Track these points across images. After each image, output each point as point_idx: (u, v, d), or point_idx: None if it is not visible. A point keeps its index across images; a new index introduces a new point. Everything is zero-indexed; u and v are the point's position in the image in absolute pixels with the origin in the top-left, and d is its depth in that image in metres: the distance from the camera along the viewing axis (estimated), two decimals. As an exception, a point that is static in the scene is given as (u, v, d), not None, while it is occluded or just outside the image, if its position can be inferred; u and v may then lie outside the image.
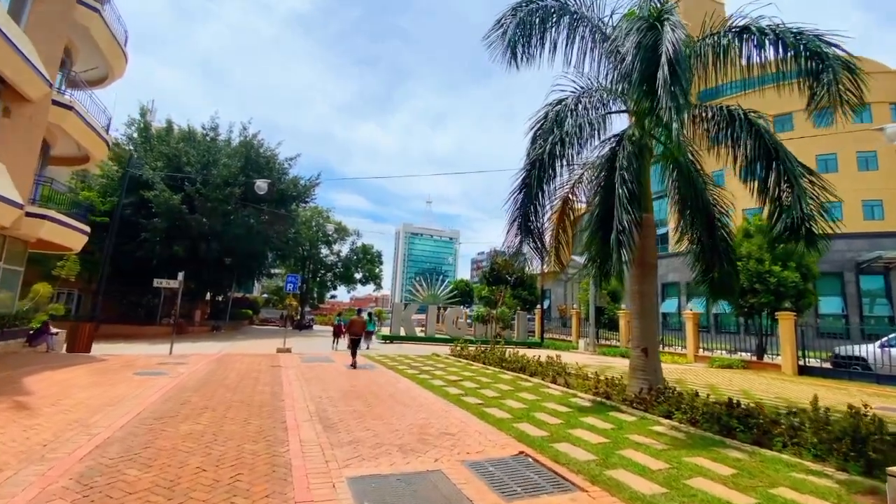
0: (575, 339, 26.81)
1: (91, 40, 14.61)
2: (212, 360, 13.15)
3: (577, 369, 11.76)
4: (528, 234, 9.35)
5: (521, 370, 11.50)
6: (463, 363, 13.69)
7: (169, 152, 30.22)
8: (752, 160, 8.10)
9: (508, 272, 13.53)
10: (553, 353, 20.37)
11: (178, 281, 16.11)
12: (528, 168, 9.70)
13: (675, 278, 35.45)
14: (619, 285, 11.35)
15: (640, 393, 8.56)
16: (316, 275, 49.27)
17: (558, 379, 10.30)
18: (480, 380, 10.44)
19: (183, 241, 29.68)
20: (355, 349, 13.21)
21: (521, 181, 9.65)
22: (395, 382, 9.87)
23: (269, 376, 10.13)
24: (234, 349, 18.56)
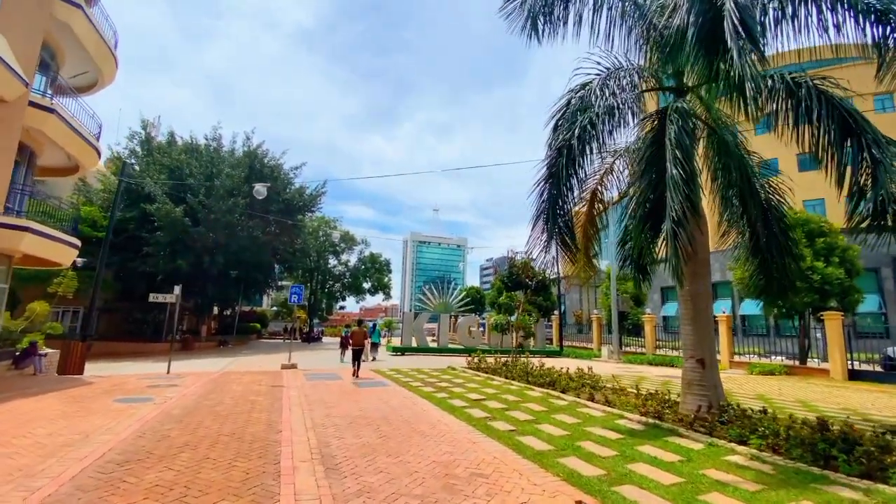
0: (597, 346, 25.38)
1: (77, 42, 13.80)
2: (209, 380, 12.06)
3: (612, 383, 10.50)
4: (557, 228, 8.16)
5: (551, 385, 10.23)
6: (483, 377, 12.45)
7: (171, 164, 29.55)
8: (823, 134, 6.86)
9: (528, 276, 12.44)
10: (577, 363, 19.06)
11: (175, 295, 15.11)
12: (554, 155, 8.56)
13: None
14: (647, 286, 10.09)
15: (699, 412, 7.29)
16: (324, 286, 48.31)
17: (596, 395, 9.02)
18: (506, 398, 9.20)
19: (187, 255, 28.88)
20: (358, 360, 13.41)
21: (547, 170, 8.50)
22: (410, 404, 8.67)
23: (268, 399, 8.99)
24: (237, 366, 17.49)
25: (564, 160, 8.29)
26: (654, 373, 16.52)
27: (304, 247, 40.92)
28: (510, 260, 12.84)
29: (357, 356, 13.51)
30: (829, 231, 17.12)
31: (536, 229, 8.48)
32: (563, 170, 8.23)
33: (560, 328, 26.75)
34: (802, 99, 6.95)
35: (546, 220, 8.43)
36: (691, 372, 7.68)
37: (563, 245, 8.42)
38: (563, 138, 8.59)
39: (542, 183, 8.63)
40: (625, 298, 23.38)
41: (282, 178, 34.54)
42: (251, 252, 33.14)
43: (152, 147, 30.92)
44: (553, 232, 8.21)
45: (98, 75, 15.69)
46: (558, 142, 8.62)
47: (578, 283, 10.06)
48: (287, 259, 38.04)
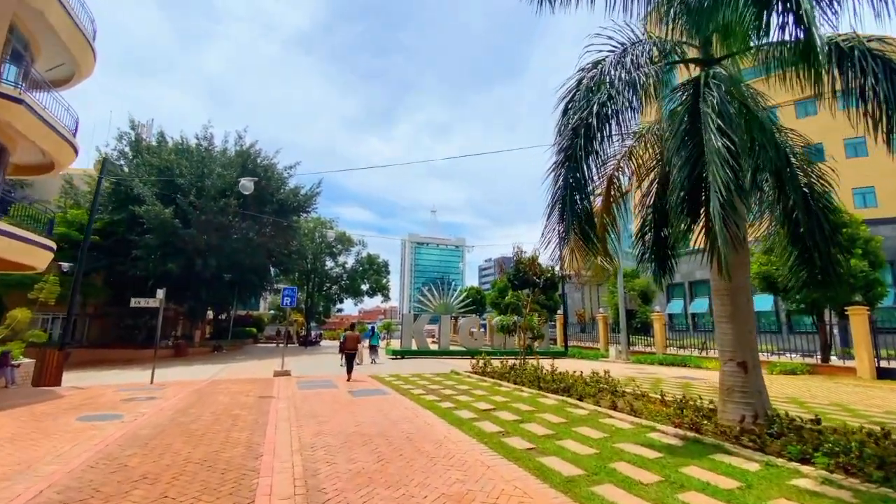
0: (603, 346, 24.48)
1: (51, 32, 12.87)
2: (194, 390, 11.10)
3: (630, 386, 9.59)
4: (576, 217, 7.24)
5: (566, 392, 9.30)
6: (489, 383, 11.51)
7: (161, 165, 28.57)
8: (882, 102, 5.96)
9: (536, 273, 11.60)
10: (584, 364, 18.09)
11: (159, 299, 14.14)
12: (568, 136, 7.65)
13: (704, 276, 33.01)
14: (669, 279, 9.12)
15: (743, 423, 6.39)
16: (321, 288, 47.30)
17: (618, 403, 8.10)
18: (518, 408, 8.26)
19: (178, 258, 27.90)
20: (351, 365, 13.38)
21: (563, 154, 7.58)
22: (412, 416, 7.73)
23: (254, 414, 8.04)
24: (228, 373, 16.53)
25: (581, 140, 7.37)
26: (669, 374, 15.62)
27: (300, 248, 39.95)
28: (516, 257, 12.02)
29: (351, 361, 13.54)
30: (851, 221, 16.26)
31: (552, 220, 7.57)
32: (581, 151, 7.31)
33: (564, 328, 25.83)
34: (857, 62, 6.08)
35: (563, 209, 7.50)
36: (731, 377, 6.77)
37: (583, 236, 7.50)
38: (579, 117, 7.68)
39: (556, 168, 7.73)
40: (632, 296, 22.48)
41: (275, 177, 33.58)
42: (245, 254, 32.17)
43: (141, 148, 29.94)
44: (571, 222, 7.29)
45: (75, 68, 14.73)
46: (573, 121, 7.70)
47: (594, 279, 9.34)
48: (282, 261, 37.06)
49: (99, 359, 26.20)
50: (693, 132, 6.04)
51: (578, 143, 7.46)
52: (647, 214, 9.30)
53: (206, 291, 32.27)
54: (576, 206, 7.29)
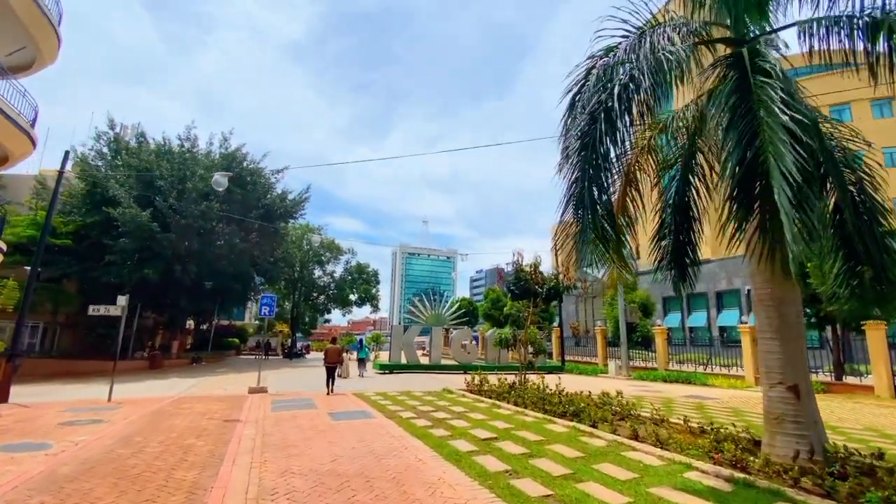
0: (601, 361, 23.40)
1: (10, 12, 11.71)
2: (152, 410, 9.77)
3: (649, 410, 8.52)
4: (594, 214, 6.19)
5: (576, 417, 8.17)
6: (487, 404, 10.34)
7: (139, 166, 27.18)
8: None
9: (538, 282, 10.63)
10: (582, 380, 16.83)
11: (121, 307, 12.80)
12: (585, 123, 6.65)
13: (701, 288, 32.29)
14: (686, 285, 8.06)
15: (797, 459, 5.32)
16: (308, 298, 45.75)
17: (639, 431, 6.98)
18: (524, 437, 7.10)
19: (155, 264, 26.39)
20: (332, 378, 13.20)
21: (580, 141, 6.57)
22: (400, 447, 6.53)
23: (211, 443, 6.78)
24: (199, 388, 15.14)
25: (601, 126, 6.37)
26: (677, 393, 14.57)
27: (286, 256, 38.55)
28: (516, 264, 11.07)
29: (331, 374, 13.35)
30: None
31: (566, 217, 6.54)
32: (601, 138, 6.31)
33: (561, 341, 24.75)
34: None
35: (579, 204, 6.47)
36: (781, 403, 5.71)
37: (602, 236, 6.45)
38: (597, 100, 6.69)
39: (570, 157, 6.72)
40: (633, 308, 21.51)
41: (262, 182, 32.34)
42: (228, 261, 30.74)
43: (120, 148, 28.56)
44: (589, 219, 6.24)
45: (36, 53, 13.57)
46: (591, 106, 6.71)
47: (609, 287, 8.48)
48: (267, 269, 35.60)
49: (67, 370, 24.50)
50: (744, 111, 5.04)
51: (598, 130, 6.46)
52: (667, 215, 8.34)
53: (185, 300, 30.73)
54: (596, 202, 6.25)
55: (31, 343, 28.68)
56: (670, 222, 8.26)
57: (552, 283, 11.17)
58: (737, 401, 12.94)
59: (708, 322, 31.39)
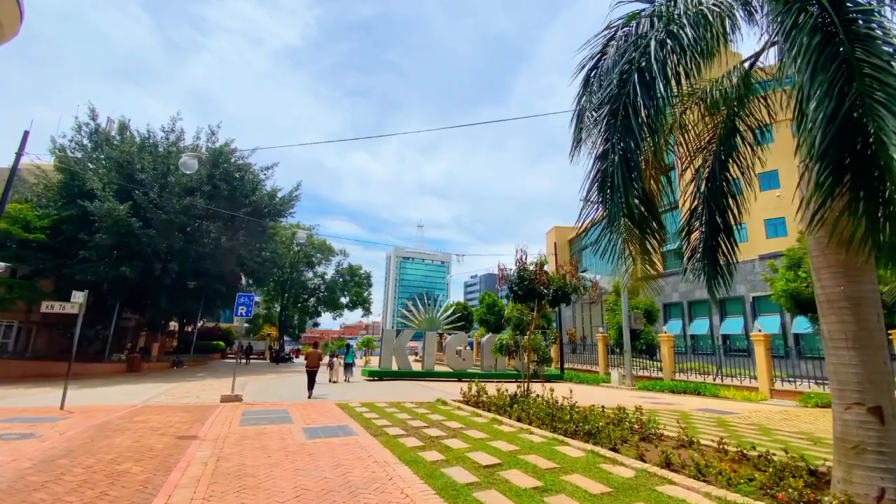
0: (603, 369, 22.25)
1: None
2: (99, 423, 8.46)
3: (668, 428, 7.36)
4: (626, 192, 5.05)
5: (592, 438, 6.98)
6: (486, 419, 9.12)
7: (119, 157, 25.80)
8: None
9: (543, 283, 9.49)
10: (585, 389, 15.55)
11: (78, 304, 11.48)
12: (613, 89, 5.57)
13: (704, 295, 31.29)
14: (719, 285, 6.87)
15: (882, 500, 4.18)
16: (297, 300, 44.28)
17: (672, 459, 5.81)
18: (535, 464, 5.90)
19: (133, 261, 24.99)
20: (312, 382, 13.63)
21: (608, 107, 5.47)
22: (383, 478, 5.31)
23: (150, 469, 5.53)
24: (169, 395, 13.79)
25: (634, 88, 5.28)
26: (690, 405, 13.43)
27: (275, 256, 37.16)
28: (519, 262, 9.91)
29: (311, 378, 13.68)
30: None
31: (592, 199, 5.41)
32: (635, 101, 5.20)
33: (561, 348, 23.59)
34: None
35: (605, 186, 5.34)
36: (859, 429, 4.56)
37: (637, 221, 5.32)
38: (626, 59, 5.60)
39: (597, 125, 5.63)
40: (636, 314, 20.42)
41: (250, 178, 31.06)
42: (212, 260, 29.36)
43: (100, 139, 27.18)
44: (617, 202, 5.10)
45: (-6, 23, 12.27)
46: (620, 66, 5.61)
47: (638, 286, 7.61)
48: (255, 269, 34.17)
49: (40, 373, 23.04)
50: (831, 54, 3.90)
51: (631, 92, 5.36)
52: (698, 201, 7.23)
53: (166, 300, 29.26)
54: (627, 177, 5.11)
55: (4, 343, 27.14)
56: (702, 212, 7.16)
57: (559, 283, 9.98)
58: (758, 416, 11.82)
59: (711, 330, 30.38)
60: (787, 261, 15.67)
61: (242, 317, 12.89)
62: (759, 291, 27.09)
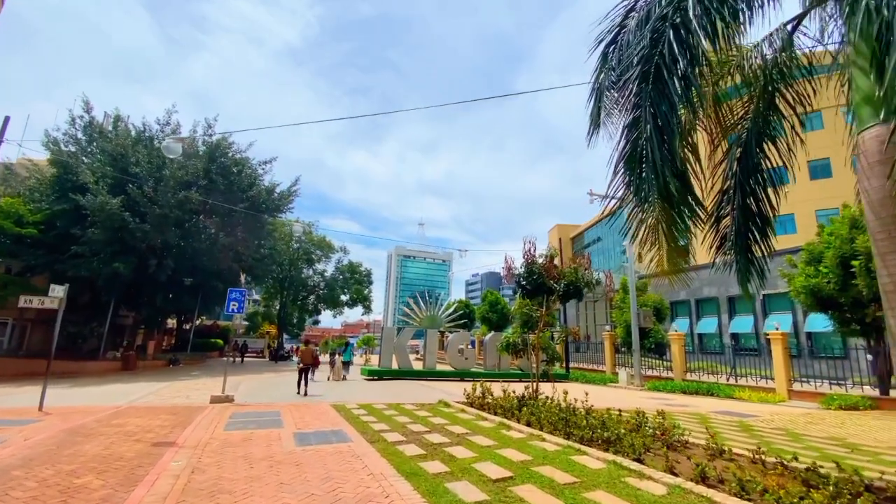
0: (609, 369, 21.53)
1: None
2: (73, 426, 7.80)
3: (708, 440, 6.66)
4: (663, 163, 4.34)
5: (613, 447, 6.28)
6: (493, 423, 8.42)
7: (113, 150, 25.15)
8: None
9: (553, 277, 8.76)
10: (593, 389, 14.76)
11: (58, 297, 10.82)
12: (648, 45, 4.87)
13: (712, 293, 30.53)
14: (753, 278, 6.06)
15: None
16: (297, 298, 43.60)
17: (710, 472, 5.11)
18: (550, 477, 5.21)
19: (127, 257, 24.35)
20: (302, 379, 13.60)
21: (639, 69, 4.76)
22: (380, 495, 4.63)
23: (113, 484, 4.85)
24: (158, 396, 13.14)
25: (669, 48, 4.58)
26: (707, 407, 12.73)
27: (274, 253, 36.47)
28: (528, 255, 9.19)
29: (303, 375, 13.74)
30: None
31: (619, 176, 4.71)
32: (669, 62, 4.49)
33: (566, 347, 22.88)
34: None
35: (632, 161, 4.64)
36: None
37: (671, 200, 4.61)
38: (658, 16, 4.89)
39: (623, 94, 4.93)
40: (646, 312, 19.70)
41: (247, 173, 30.37)
42: (209, 256, 28.71)
43: (94, 132, 26.53)
44: (650, 179, 4.39)
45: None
46: (653, 22, 4.90)
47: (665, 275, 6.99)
48: (253, 266, 33.50)
49: (33, 371, 22.41)
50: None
51: (662, 55, 4.66)
52: (729, 183, 6.51)
53: (162, 297, 28.66)
54: (661, 150, 4.40)
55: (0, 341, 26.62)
56: (734, 195, 6.45)
57: (570, 277, 9.27)
58: (781, 419, 11.11)
59: (719, 328, 29.64)
60: (807, 256, 14.92)
61: (234, 313, 12.22)
62: (769, 289, 26.33)
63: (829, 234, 14.41)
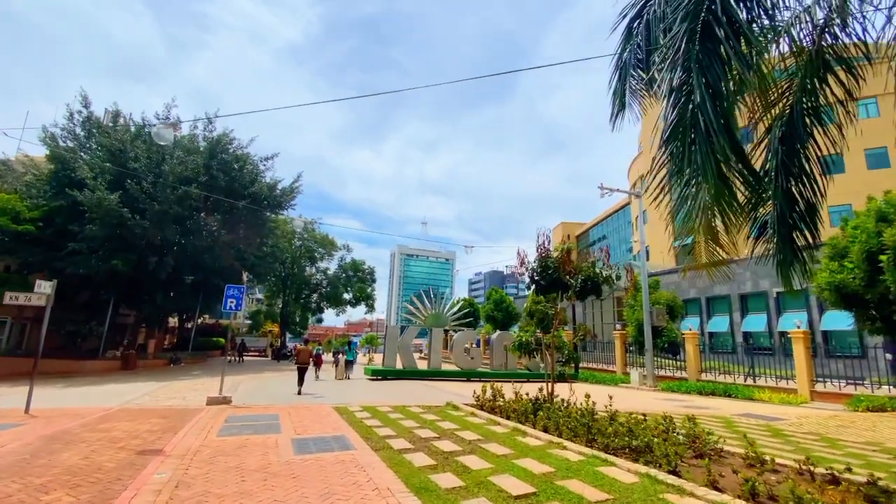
0: (620, 369, 20.90)
1: None
2: (52, 432, 7.27)
3: (745, 449, 6.06)
4: (717, 133, 3.74)
5: (641, 455, 5.69)
6: (506, 428, 7.83)
7: (111, 146, 24.67)
8: None
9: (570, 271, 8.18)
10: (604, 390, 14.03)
11: (46, 294, 10.31)
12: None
13: (723, 290, 29.82)
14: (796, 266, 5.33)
15: None
16: (299, 296, 43.10)
17: (760, 487, 4.51)
18: (579, 493, 4.62)
19: (126, 254, 23.88)
20: (302, 378, 13.87)
21: (685, 26, 4.13)
22: (386, 514, 4.05)
23: (83, 501, 4.29)
24: (153, 397, 12.63)
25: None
26: (729, 410, 12.10)
27: (276, 251, 35.96)
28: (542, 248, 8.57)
29: (302, 374, 13.98)
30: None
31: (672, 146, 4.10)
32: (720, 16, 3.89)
33: (575, 346, 22.23)
34: None
35: (678, 132, 4.04)
36: None
37: (725, 178, 4.00)
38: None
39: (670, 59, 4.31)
40: (659, 310, 19.06)
41: (249, 169, 29.85)
42: (211, 254, 28.24)
43: (91, 127, 26.06)
44: (704, 153, 3.79)
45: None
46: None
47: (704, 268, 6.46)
48: (255, 264, 32.98)
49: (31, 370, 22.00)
50: None
51: (710, 9, 4.06)
52: (770, 164, 5.88)
53: (162, 295, 28.19)
54: (714, 116, 3.79)
55: (-3, 339, 26.23)
56: (776, 178, 5.82)
57: (588, 272, 8.66)
58: (809, 422, 10.48)
59: (731, 327, 28.92)
60: (830, 251, 14.25)
61: (232, 310, 11.68)
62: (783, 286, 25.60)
63: (854, 227, 13.74)
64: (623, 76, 6.40)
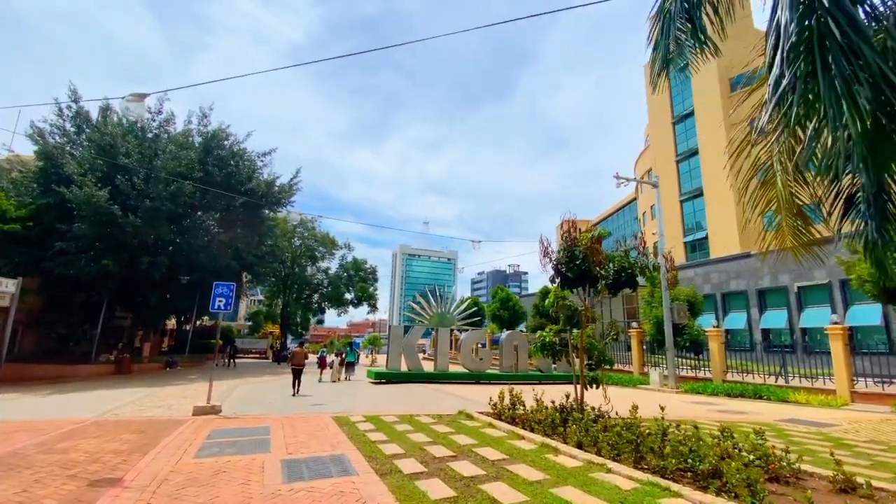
0: (638, 369, 19.76)
1: None
2: (2, 453, 6.20)
3: (829, 468, 4.96)
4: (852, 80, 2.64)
5: (705, 480, 4.59)
6: (534, 444, 6.73)
7: (101, 141, 23.63)
8: None
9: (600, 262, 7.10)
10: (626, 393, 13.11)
11: (8, 292, 9.25)
12: None
13: (741, 286, 28.64)
14: None
15: None
16: (300, 297, 42.03)
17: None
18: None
19: (118, 254, 22.84)
20: (298, 380, 14.20)
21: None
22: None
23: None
24: (138, 405, 11.56)
25: None
26: (770, 415, 10.96)
27: (275, 250, 34.91)
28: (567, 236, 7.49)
29: (297, 376, 14.27)
30: None
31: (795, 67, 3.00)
32: None
33: (588, 345, 21.11)
34: None
35: (801, 53, 2.95)
36: None
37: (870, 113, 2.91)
38: None
39: None
40: (679, 307, 17.93)
41: (246, 164, 28.78)
42: (207, 254, 27.18)
43: (80, 122, 25.05)
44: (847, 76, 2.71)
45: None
46: None
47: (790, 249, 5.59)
48: (253, 264, 31.93)
49: (21, 375, 20.98)
50: None
51: None
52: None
53: (156, 297, 27.14)
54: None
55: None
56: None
57: (621, 262, 7.56)
58: (864, 427, 9.36)
59: (749, 324, 27.76)
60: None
61: (220, 310, 10.61)
62: (805, 280, 24.47)
63: (899, 214, 12.59)
64: (666, 29, 5.38)
